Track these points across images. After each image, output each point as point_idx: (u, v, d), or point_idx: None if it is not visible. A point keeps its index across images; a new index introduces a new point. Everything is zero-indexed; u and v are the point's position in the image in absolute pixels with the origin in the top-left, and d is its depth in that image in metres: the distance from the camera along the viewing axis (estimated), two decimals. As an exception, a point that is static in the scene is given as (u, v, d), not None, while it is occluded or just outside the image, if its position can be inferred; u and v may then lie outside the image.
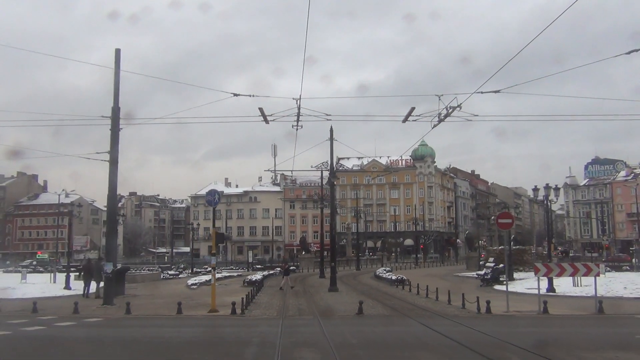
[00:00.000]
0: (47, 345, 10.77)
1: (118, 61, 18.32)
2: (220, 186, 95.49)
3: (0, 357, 9.60)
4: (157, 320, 14.64)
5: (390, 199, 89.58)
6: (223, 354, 9.39)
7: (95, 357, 9.47)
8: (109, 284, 17.61)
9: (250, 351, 9.44)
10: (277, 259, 75.52)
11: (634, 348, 9.51)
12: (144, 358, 9.44)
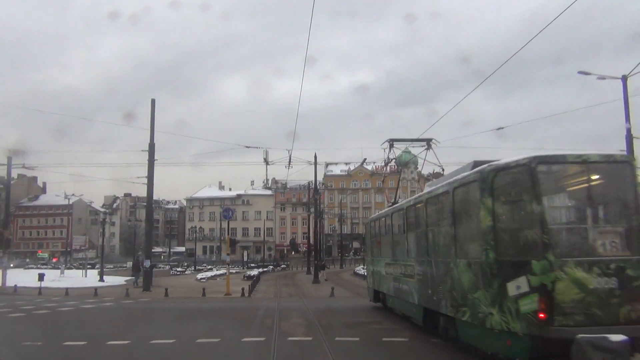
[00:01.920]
0: (126, 311, 17.17)
1: (153, 109, 24.70)
2: (215, 189, 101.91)
3: (104, 316, 15.99)
4: (190, 300, 21.11)
5: (375, 202, 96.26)
6: (243, 315, 15.82)
7: (162, 316, 15.86)
8: (147, 276, 24.02)
9: (259, 313, 15.86)
10: (269, 259, 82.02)
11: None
12: (192, 316, 15.83)
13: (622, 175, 7.24)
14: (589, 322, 6.54)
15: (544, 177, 7.09)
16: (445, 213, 9.39)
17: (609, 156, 7.47)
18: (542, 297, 6.62)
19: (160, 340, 10.73)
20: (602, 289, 6.65)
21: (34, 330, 13.01)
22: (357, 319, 14.19)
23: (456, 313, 8.60)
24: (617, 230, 7.12)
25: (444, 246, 9.40)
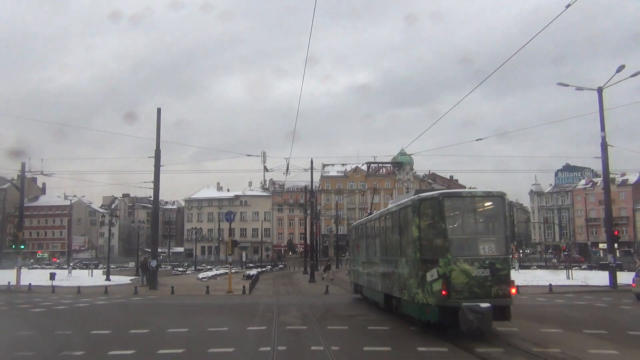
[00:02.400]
0: (138, 307, 18.85)
1: (159, 118, 26.37)
2: (213, 190, 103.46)
3: (119, 310, 17.66)
4: (195, 297, 22.82)
5: (371, 203, 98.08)
6: (246, 309, 17.53)
7: (172, 310, 17.55)
8: (153, 275, 25.71)
9: (259, 309, 17.54)
10: (266, 259, 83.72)
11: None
12: (199, 310, 17.52)
13: (496, 204, 11.38)
14: (471, 296, 10.40)
15: (447, 206, 11.10)
16: (395, 226, 13.30)
17: (489, 192, 11.74)
18: (444, 282, 10.53)
19: (176, 329, 12.45)
20: (480, 276, 10.57)
21: (61, 322, 14.70)
22: (347, 312, 15.94)
23: (401, 294, 12.53)
24: (491, 239, 11.16)
25: (394, 248, 13.33)
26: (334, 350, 9.48)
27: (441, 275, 10.58)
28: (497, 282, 10.57)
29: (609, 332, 11.67)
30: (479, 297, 10.34)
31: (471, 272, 10.52)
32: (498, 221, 11.31)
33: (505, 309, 10.75)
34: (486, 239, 11.19)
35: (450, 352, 9.52)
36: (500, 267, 10.65)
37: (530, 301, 20.03)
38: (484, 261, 10.63)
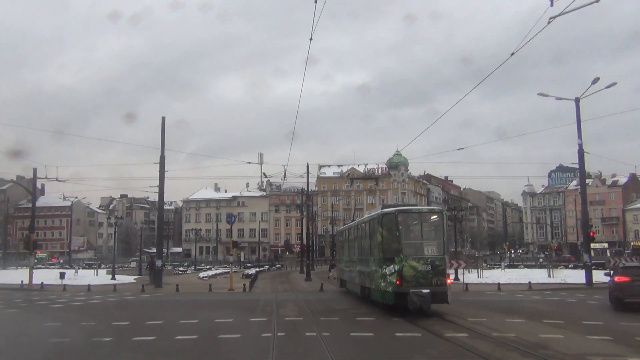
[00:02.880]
0: (148, 302, 20.59)
1: (164, 126, 28.09)
2: (210, 191, 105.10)
3: (132, 306, 19.37)
4: (199, 294, 24.57)
5: (367, 204, 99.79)
6: (247, 304, 19.29)
7: (181, 305, 19.29)
8: (159, 274, 27.46)
9: (260, 304, 19.31)
10: (263, 259, 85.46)
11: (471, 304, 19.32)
12: (205, 305, 19.26)
13: (437, 218, 15.45)
14: (417, 285, 14.17)
15: (401, 219, 15.10)
16: (366, 233, 17.20)
17: (431, 209, 17.34)
18: (398, 274, 14.34)
19: (187, 320, 14.22)
20: (424, 270, 14.36)
21: (82, 315, 16.41)
22: (339, 306, 17.74)
23: (370, 285, 16.46)
24: (433, 244, 15.00)
25: (366, 250, 17.25)
26: (325, 335, 11.28)
27: (396, 270, 14.44)
28: (436, 274, 14.37)
29: (565, 322, 13.49)
30: (422, 286, 14.15)
31: (417, 267, 14.41)
32: (438, 230, 15.26)
33: (442, 294, 14.45)
34: (429, 243, 15.04)
35: (423, 336, 11.32)
36: (438, 264, 14.53)
37: (509, 297, 21.87)
38: (426, 259, 14.51)
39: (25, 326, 14.66)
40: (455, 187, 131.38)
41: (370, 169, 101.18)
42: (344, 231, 24.53)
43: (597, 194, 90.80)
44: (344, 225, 26.02)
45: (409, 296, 13.93)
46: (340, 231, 26.31)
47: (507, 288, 25.84)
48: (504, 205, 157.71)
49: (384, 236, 15.10)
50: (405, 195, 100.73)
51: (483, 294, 23.69)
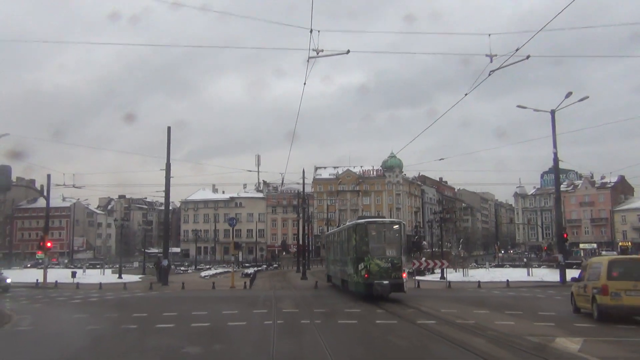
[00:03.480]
0: (159, 298, 22.85)
1: (169, 135, 30.33)
2: (208, 192, 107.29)
3: (145, 301, 21.62)
4: (204, 291, 26.86)
5: (362, 205, 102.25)
6: (249, 299, 21.57)
7: (189, 300, 21.53)
8: (165, 272, 29.72)
9: (260, 299, 21.59)
10: (260, 259, 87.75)
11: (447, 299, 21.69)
12: (211, 300, 21.50)
13: (397, 227, 20.35)
14: (379, 278, 18.65)
15: (369, 228, 19.82)
16: (345, 237, 21.85)
17: (393, 220, 23.59)
18: (366, 270, 18.80)
19: (198, 312, 16.49)
20: (385, 266, 18.85)
21: (103, 309, 18.67)
22: (331, 301, 20.08)
23: (348, 278, 21.08)
24: (393, 247, 19.54)
25: (345, 251, 21.89)
26: (317, 322, 13.61)
27: (365, 266, 18.95)
28: (394, 270, 18.97)
29: (523, 312, 15.84)
30: (384, 278, 18.75)
31: (380, 265, 18.94)
32: (397, 237, 19.82)
33: (399, 285, 19.02)
34: (389, 247, 19.61)
35: (398, 323, 13.67)
36: (396, 262, 19.14)
37: (486, 293, 24.25)
38: (387, 259, 19.11)
39: (58, 318, 16.92)
40: (449, 188, 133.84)
41: (365, 170, 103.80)
42: (329, 235, 30.87)
43: (587, 195, 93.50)
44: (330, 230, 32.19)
45: (373, 286, 18.63)
46: (327, 235, 33.28)
47: (487, 286, 28.19)
48: (498, 206, 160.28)
49: (357, 241, 19.74)
50: (400, 197, 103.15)
51: (463, 290, 26.06)
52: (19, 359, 10.25)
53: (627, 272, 13.53)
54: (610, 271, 13.53)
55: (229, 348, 10.66)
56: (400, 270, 19.06)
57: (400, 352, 10.14)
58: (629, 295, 13.03)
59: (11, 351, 11.15)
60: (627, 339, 11.31)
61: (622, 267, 13.90)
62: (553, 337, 11.23)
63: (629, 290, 13.08)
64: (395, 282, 18.82)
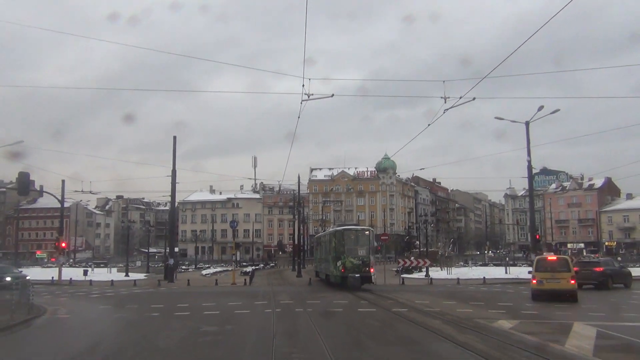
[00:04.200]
0: (169, 294, 25.69)
1: (175, 144, 33.13)
2: (206, 193, 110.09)
3: (157, 296, 24.45)
4: (208, 287, 29.71)
5: (356, 205, 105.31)
6: (250, 294, 24.45)
7: (197, 295, 24.37)
8: (172, 270, 32.55)
9: (260, 293, 24.45)
10: (257, 258, 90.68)
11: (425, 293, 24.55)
12: (216, 294, 24.34)
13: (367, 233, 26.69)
14: (353, 272, 24.62)
15: (345, 234, 26.40)
16: (327, 240, 28.26)
17: (364, 228, 28.70)
18: (342, 266, 24.92)
19: (207, 303, 19.35)
20: (357, 263, 24.89)
21: (122, 301, 21.49)
22: (322, 295, 23.01)
23: (330, 272, 26.94)
24: (363, 248, 25.68)
25: (327, 251, 27.88)
26: (309, 310, 16.52)
27: (342, 263, 24.74)
28: (364, 266, 24.66)
29: (485, 303, 18.80)
30: (356, 272, 24.40)
31: (354, 262, 24.70)
32: (367, 240, 25.74)
33: (368, 277, 24.77)
34: (360, 248, 25.45)
35: (376, 311, 16.61)
36: (366, 260, 24.87)
37: (462, 288, 27.22)
38: (359, 257, 24.91)
39: (87, 308, 19.78)
40: (443, 188, 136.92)
41: (360, 172, 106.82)
42: (317, 238, 38.51)
43: (574, 197, 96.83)
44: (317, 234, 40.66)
45: (348, 278, 24.47)
46: (315, 238, 41.30)
47: (466, 282, 31.18)
48: (492, 206, 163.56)
49: (336, 243, 25.95)
50: (394, 197, 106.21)
51: (443, 286, 29.02)
52: (76, 337, 13.10)
53: (547, 266, 19.55)
54: (537, 266, 19.52)
55: (238, 327, 13.55)
56: (369, 266, 24.81)
57: (372, 329, 13.09)
58: (549, 282, 19.10)
59: (64, 333, 14.03)
60: (554, 322, 14.29)
61: (544, 263, 19.95)
62: (497, 319, 14.17)
63: (549, 279, 19.12)
64: (365, 275, 24.66)
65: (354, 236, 25.96)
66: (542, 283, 19.20)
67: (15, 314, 15.26)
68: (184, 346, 11.11)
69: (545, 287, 19.07)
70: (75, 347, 11.33)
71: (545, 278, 19.16)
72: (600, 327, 12.60)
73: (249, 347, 10.79)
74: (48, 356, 10.49)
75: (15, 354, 10.71)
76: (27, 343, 12.51)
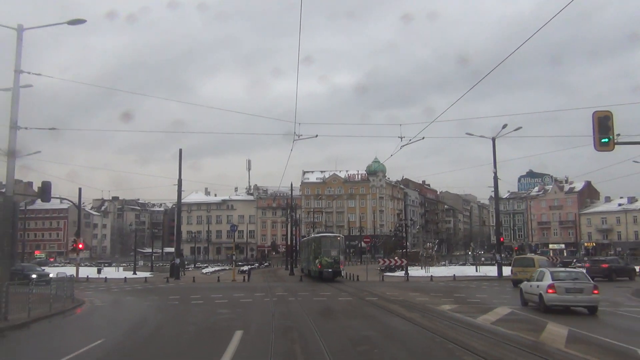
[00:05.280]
0: (180, 288, 30.06)
1: (180, 157, 37.45)
2: (201, 195, 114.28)
3: (170, 290, 28.86)
4: (212, 283, 34.13)
5: (347, 207, 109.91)
6: (250, 288, 28.88)
7: (204, 289, 28.76)
8: (177, 268, 36.93)
9: (258, 288, 28.85)
10: (251, 258, 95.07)
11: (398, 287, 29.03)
12: (221, 289, 28.74)
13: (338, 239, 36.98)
14: (327, 268, 33.52)
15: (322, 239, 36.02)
16: (309, 243, 38.73)
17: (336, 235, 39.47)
18: (319, 263, 33.77)
19: (215, 295, 23.77)
20: (330, 261, 33.69)
21: (143, 294, 25.85)
22: (310, 288, 27.53)
23: (311, 268, 36.30)
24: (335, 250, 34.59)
25: (309, 252, 37.86)
26: (299, 299, 21.04)
27: (319, 261, 33.28)
28: (335, 264, 33.24)
29: (443, 294, 23.33)
30: (329, 268, 32.98)
31: (328, 260, 33.20)
32: (338, 244, 34.93)
33: (339, 272, 33.55)
34: (333, 250, 34.06)
35: (353, 299, 21.15)
36: (337, 259, 33.57)
37: (432, 284, 31.76)
38: (332, 257, 33.51)
39: (116, 300, 24.14)
40: (432, 190, 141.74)
41: (351, 175, 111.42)
42: (302, 242, 49.32)
43: (556, 200, 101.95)
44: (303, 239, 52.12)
45: (323, 272, 32.75)
46: (301, 242, 51.42)
47: (438, 279, 35.75)
48: (481, 207, 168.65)
49: (314, 247, 34.85)
50: (384, 200, 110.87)
51: (417, 282, 33.58)
52: (122, 317, 17.50)
53: (521, 262, 29.65)
54: (514, 263, 29.66)
55: (245, 310, 18.01)
56: (339, 263, 33.66)
57: (345, 310, 17.68)
58: (521, 274, 26.18)
59: (111, 315, 18.44)
60: (485, 306, 18.84)
61: (520, 260, 31.02)
62: (443, 304, 18.72)
63: (520, 272, 27.14)
64: (336, 270, 33.32)
65: (329, 241, 34.99)
66: (517, 275, 27.45)
67: (65, 303, 19.61)
68: (208, 320, 15.55)
69: (519, 277, 25.74)
70: (127, 323, 15.71)
71: (519, 271, 27.88)
72: (516, 308, 17.19)
73: (256, 321, 15.25)
74: (112, 328, 14.86)
75: (84, 330, 15.07)
76: (87, 322, 16.90)
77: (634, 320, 15.56)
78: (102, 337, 12.25)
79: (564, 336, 11.82)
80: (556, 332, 12.44)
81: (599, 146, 17.75)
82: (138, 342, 12.33)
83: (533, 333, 12.18)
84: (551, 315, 15.17)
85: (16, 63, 16.77)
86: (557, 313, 15.58)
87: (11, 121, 16.74)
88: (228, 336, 11.56)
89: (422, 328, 13.15)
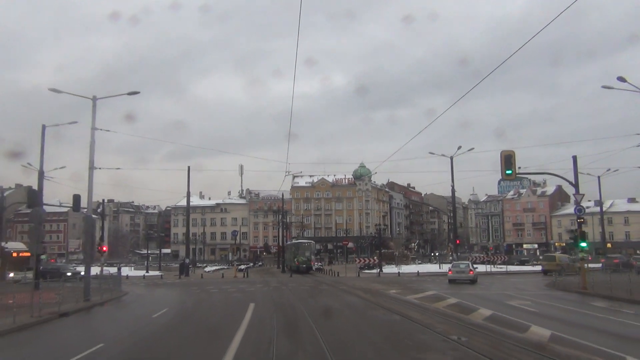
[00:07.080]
0: (193, 284, 37.82)
1: (189, 175, 45.12)
2: (196, 198, 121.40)
3: (186, 285, 36.65)
4: (217, 279, 41.90)
5: (335, 210, 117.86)
6: (250, 282, 36.70)
7: (215, 283, 36.54)
8: (187, 267, 44.64)
9: (257, 282, 36.64)
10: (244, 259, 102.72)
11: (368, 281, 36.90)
12: (227, 283, 36.47)
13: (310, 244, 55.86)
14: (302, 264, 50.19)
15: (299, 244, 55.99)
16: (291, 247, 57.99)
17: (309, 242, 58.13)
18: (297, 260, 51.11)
19: (225, 286, 31.59)
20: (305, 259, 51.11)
21: (166, 287, 33.55)
22: (298, 282, 35.44)
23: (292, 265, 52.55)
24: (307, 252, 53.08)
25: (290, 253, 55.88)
26: (289, 288, 28.95)
27: (297, 260, 50.57)
28: (307, 262, 50.58)
29: (398, 285, 31.30)
30: (303, 264, 49.71)
31: (302, 259, 50.61)
32: (310, 248, 53.83)
33: (310, 267, 49.99)
34: (307, 252, 52.39)
35: (329, 288, 29.13)
36: (309, 258, 51.70)
37: (397, 278, 39.74)
38: (306, 256, 51.31)
39: (149, 292, 31.84)
40: (416, 193, 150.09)
41: (338, 179, 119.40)
42: (287, 245, 60.76)
43: (529, 202, 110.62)
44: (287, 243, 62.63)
45: (299, 267, 48.76)
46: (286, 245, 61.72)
47: (405, 275, 43.80)
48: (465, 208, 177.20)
49: (293, 249, 53.56)
50: (369, 203, 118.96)
51: (386, 277, 41.54)
52: (164, 300, 25.29)
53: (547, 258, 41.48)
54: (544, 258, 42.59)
55: (252, 294, 25.86)
56: (310, 261, 50.25)
57: (321, 294, 25.70)
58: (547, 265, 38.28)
59: (153, 299, 26.22)
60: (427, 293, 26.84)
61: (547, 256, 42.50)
62: (391, 290, 26.67)
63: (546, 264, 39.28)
64: (309, 265, 49.20)
65: (304, 245, 52.54)
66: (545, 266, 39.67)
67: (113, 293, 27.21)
68: (228, 299, 23.40)
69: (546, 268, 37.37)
70: (173, 301, 23.51)
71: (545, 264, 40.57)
72: (441, 292, 25.23)
73: (261, 299, 23.09)
74: (166, 304, 22.57)
75: (150, 305, 22.83)
76: (139, 304, 24.62)
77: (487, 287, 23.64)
78: (165, 307, 20.07)
79: (451, 303, 19.79)
80: (449, 301, 20.44)
81: (505, 176, 26.39)
82: (189, 309, 20.20)
83: (434, 302, 20.18)
84: (454, 289, 23.28)
85: (92, 124, 24.27)
86: (456, 285, 23.91)
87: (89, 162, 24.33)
88: (246, 305, 19.46)
89: (368, 302, 21.13)
